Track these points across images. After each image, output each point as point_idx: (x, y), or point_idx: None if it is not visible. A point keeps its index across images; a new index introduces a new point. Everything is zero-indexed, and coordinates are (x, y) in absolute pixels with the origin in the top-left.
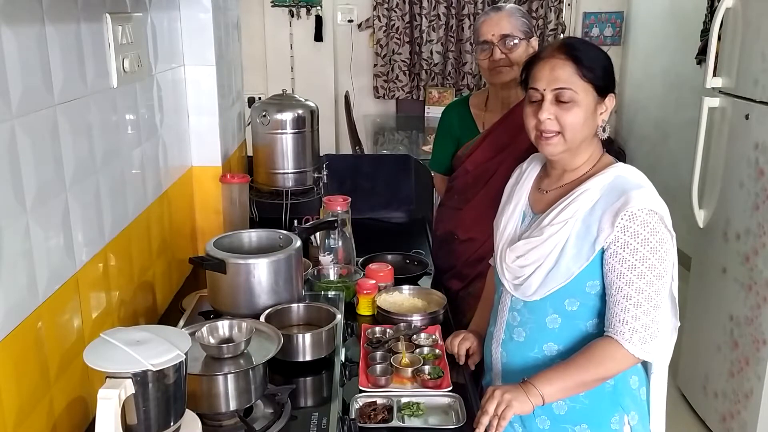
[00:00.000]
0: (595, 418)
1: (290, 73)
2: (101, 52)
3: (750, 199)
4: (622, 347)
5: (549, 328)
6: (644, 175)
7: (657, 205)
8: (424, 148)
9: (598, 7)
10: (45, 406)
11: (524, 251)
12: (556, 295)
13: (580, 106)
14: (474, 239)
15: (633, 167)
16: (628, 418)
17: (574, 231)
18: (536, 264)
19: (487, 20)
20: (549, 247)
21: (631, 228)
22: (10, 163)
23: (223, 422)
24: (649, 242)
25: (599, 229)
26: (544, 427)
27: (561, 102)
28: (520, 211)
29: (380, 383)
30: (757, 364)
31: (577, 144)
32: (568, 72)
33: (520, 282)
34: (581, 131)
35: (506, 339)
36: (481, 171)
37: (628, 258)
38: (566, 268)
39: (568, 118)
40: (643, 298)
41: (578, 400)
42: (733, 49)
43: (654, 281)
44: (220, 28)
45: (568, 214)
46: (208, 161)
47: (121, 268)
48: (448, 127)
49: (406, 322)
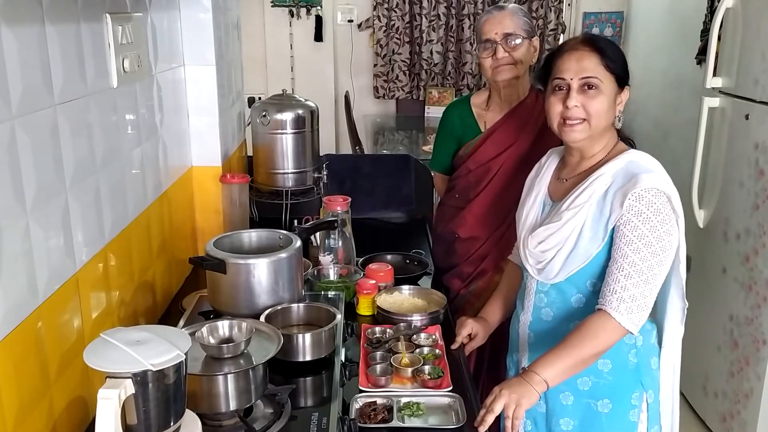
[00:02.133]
0: (618, 394)
1: (290, 73)
2: (101, 52)
3: (750, 199)
4: (611, 317)
5: (575, 307)
6: (656, 161)
7: (666, 186)
8: (424, 148)
9: (598, 7)
10: (45, 406)
11: (545, 237)
12: (578, 277)
13: (604, 95)
14: (475, 238)
15: (645, 153)
16: (646, 396)
17: (590, 214)
18: (557, 248)
19: (490, 19)
20: (567, 231)
21: (636, 207)
22: (10, 163)
23: (223, 422)
24: (650, 221)
25: (611, 210)
26: (567, 403)
27: (587, 90)
28: (541, 201)
29: (380, 383)
30: (757, 364)
31: (599, 131)
32: (594, 62)
33: (543, 266)
34: (605, 118)
35: (534, 320)
36: (483, 170)
37: (628, 234)
38: (584, 249)
39: (594, 105)
40: (635, 271)
41: (602, 375)
42: (733, 49)
43: (648, 257)
44: (220, 28)
45: (584, 199)
46: (208, 161)
47: (121, 268)
48: (450, 127)
49: (406, 322)
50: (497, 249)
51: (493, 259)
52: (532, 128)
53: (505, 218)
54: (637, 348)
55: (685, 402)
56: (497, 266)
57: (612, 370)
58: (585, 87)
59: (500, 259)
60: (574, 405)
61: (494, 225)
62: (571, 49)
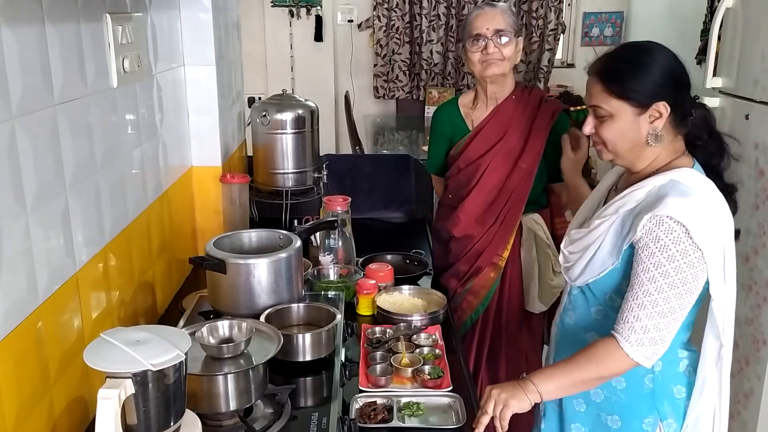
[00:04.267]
0: (628, 414)
1: (290, 73)
2: (101, 52)
3: (750, 199)
4: (619, 347)
5: (593, 318)
6: (710, 186)
7: (687, 217)
8: (424, 148)
9: (598, 7)
10: (45, 406)
11: (575, 239)
12: (597, 288)
13: (615, 121)
14: (469, 236)
15: (702, 176)
16: (662, 424)
17: (613, 227)
18: (580, 253)
19: (482, 14)
20: (591, 239)
21: (654, 232)
22: (10, 163)
23: (223, 422)
24: (668, 249)
25: (630, 228)
26: (580, 410)
27: (598, 117)
28: (594, 204)
29: (380, 383)
30: (757, 364)
31: (624, 153)
32: (597, 90)
33: (569, 266)
34: (621, 143)
35: (561, 319)
36: (473, 168)
37: (645, 260)
38: (601, 261)
39: (603, 132)
40: (649, 301)
41: (616, 392)
42: (733, 49)
43: (665, 288)
44: (220, 28)
45: (612, 211)
46: (208, 161)
47: (121, 268)
48: (440, 128)
49: (406, 322)
50: (491, 246)
51: (487, 256)
52: (518, 124)
53: (497, 215)
54: (654, 374)
55: None
56: (491, 263)
57: (625, 389)
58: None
59: (494, 256)
60: (585, 413)
61: (487, 222)
62: (588, 73)
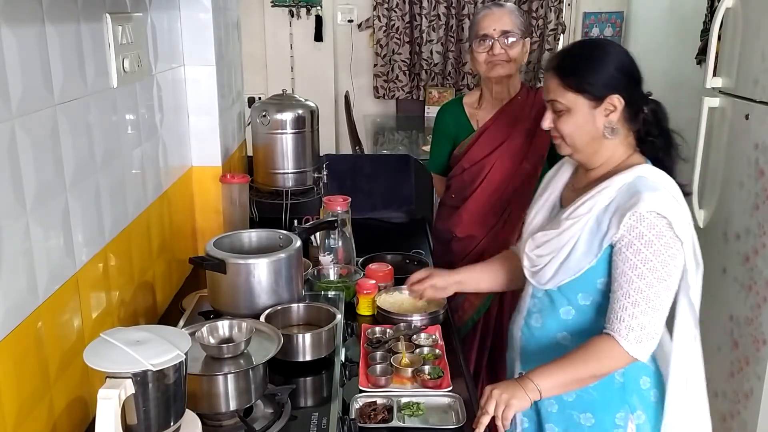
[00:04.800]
0: (601, 411)
1: (290, 73)
2: (101, 52)
3: (750, 199)
4: (618, 345)
5: (563, 319)
6: (669, 180)
7: (667, 210)
8: (424, 148)
9: (598, 7)
10: (45, 406)
11: (542, 242)
12: (569, 289)
13: (572, 115)
14: (472, 237)
15: (659, 170)
16: (632, 416)
17: (587, 227)
18: (550, 255)
19: (489, 15)
20: (563, 241)
21: (637, 229)
22: (10, 163)
23: (223, 422)
24: (653, 245)
25: (608, 227)
26: (552, 410)
27: (555, 111)
28: (551, 204)
29: (380, 383)
30: (757, 364)
31: (582, 147)
32: (554, 84)
33: (536, 270)
34: (579, 136)
35: (526, 323)
36: (477, 168)
37: (631, 258)
38: (576, 262)
39: (560, 126)
40: (642, 298)
41: (587, 390)
42: (733, 49)
43: (654, 283)
44: (220, 28)
45: (584, 210)
46: (208, 161)
47: (121, 268)
48: (444, 128)
49: (406, 322)
50: (493, 247)
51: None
52: (523, 125)
53: (500, 216)
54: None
55: None
56: None
57: (597, 386)
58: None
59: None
60: (558, 414)
61: (490, 223)
62: (545, 68)
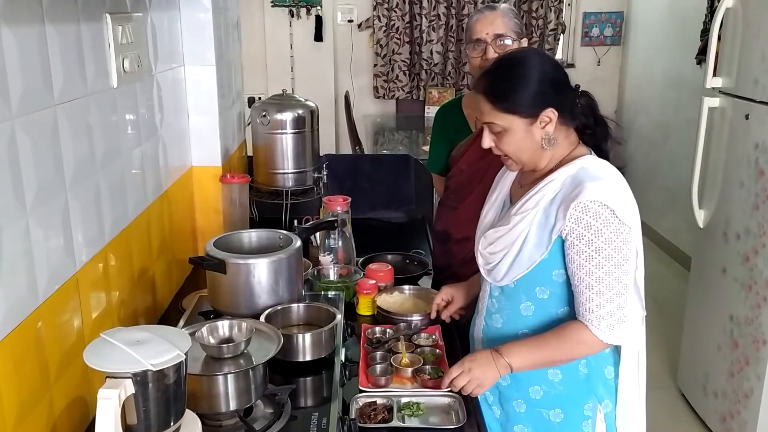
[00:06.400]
0: (569, 404)
1: (290, 73)
2: (101, 52)
3: (750, 199)
4: (592, 333)
5: (523, 315)
6: (612, 168)
7: (609, 198)
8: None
9: (598, 7)
10: (45, 406)
11: (493, 239)
12: (526, 283)
13: (510, 134)
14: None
15: (602, 160)
16: (601, 406)
17: (535, 221)
18: (503, 252)
19: (482, 19)
20: (514, 236)
21: (584, 219)
22: (10, 163)
23: (223, 422)
24: (603, 233)
25: (556, 218)
26: (520, 410)
27: (493, 132)
28: (501, 202)
29: (380, 383)
30: (757, 364)
31: (527, 160)
32: (487, 108)
33: (491, 267)
34: (521, 153)
35: (486, 324)
36: (475, 170)
37: (585, 249)
38: (529, 256)
39: (503, 146)
40: (604, 286)
41: (553, 386)
42: (733, 49)
43: (612, 270)
44: (220, 28)
45: (531, 204)
46: (208, 161)
47: (121, 268)
48: (442, 128)
49: (406, 322)
50: None
51: None
52: None
53: None
54: (587, 359)
55: (685, 402)
56: None
57: (562, 381)
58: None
59: None
60: (527, 413)
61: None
62: (476, 91)
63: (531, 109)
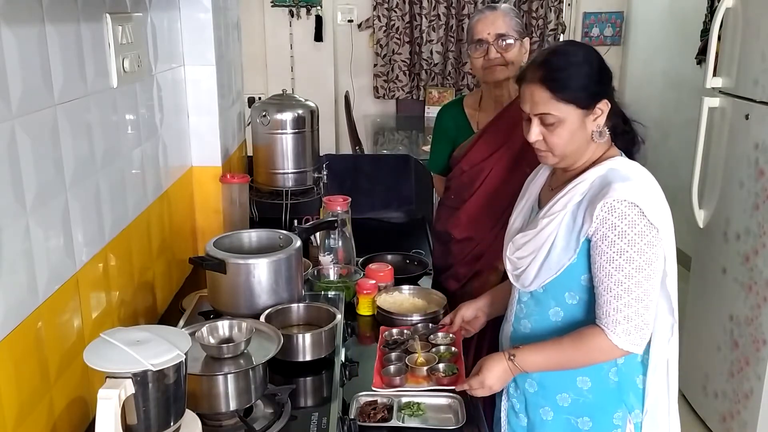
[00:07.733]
0: (598, 413)
1: (290, 73)
2: (101, 52)
3: (750, 199)
4: (607, 338)
5: (552, 321)
6: (643, 169)
7: (639, 198)
8: (424, 148)
9: (598, 7)
10: (45, 406)
11: (521, 243)
12: (555, 288)
13: (564, 126)
14: (470, 238)
15: (632, 162)
16: (630, 416)
17: (563, 223)
18: (531, 256)
19: (483, 19)
20: (542, 240)
21: (610, 220)
22: (10, 163)
23: (223, 422)
24: (627, 234)
25: (583, 220)
26: (548, 418)
27: (546, 124)
28: (530, 206)
29: (395, 383)
30: (757, 364)
31: (571, 153)
32: (545, 98)
33: (519, 273)
34: (569, 146)
35: (515, 330)
36: (477, 170)
37: (607, 250)
38: (557, 259)
39: (553, 139)
40: (623, 290)
41: (582, 393)
42: (733, 49)
43: (633, 273)
44: (220, 28)
45: (559, 207)
46: (208, 161)
47: (121, 268)
48: (444, 128)
49: (424, 323)
50: (491, 250)
51: (487, 259)
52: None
53: (499, 219)
54: (618, 366)
55: (685, 402)
56: (492, 267)
57: (592, 389)
58: (542, 122)
59: (495, 260)
60: (554, 421)
61: (488, 225)
62: (527, 81)
63: (589, 100)
